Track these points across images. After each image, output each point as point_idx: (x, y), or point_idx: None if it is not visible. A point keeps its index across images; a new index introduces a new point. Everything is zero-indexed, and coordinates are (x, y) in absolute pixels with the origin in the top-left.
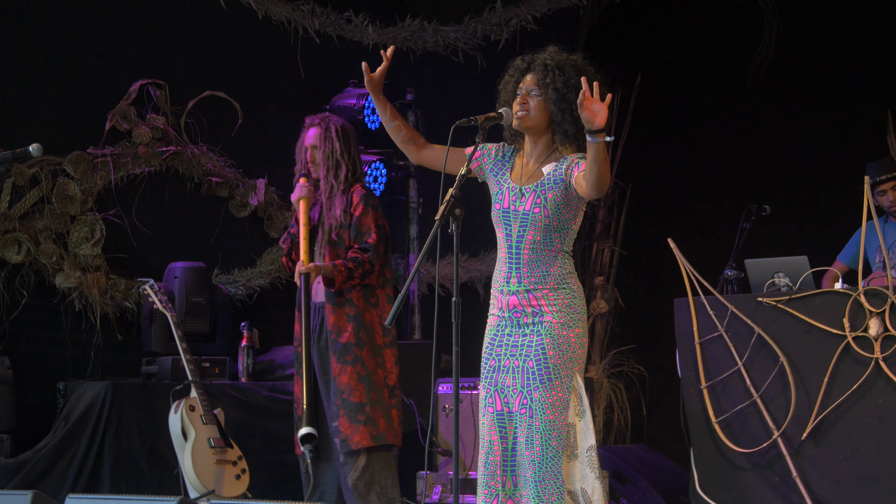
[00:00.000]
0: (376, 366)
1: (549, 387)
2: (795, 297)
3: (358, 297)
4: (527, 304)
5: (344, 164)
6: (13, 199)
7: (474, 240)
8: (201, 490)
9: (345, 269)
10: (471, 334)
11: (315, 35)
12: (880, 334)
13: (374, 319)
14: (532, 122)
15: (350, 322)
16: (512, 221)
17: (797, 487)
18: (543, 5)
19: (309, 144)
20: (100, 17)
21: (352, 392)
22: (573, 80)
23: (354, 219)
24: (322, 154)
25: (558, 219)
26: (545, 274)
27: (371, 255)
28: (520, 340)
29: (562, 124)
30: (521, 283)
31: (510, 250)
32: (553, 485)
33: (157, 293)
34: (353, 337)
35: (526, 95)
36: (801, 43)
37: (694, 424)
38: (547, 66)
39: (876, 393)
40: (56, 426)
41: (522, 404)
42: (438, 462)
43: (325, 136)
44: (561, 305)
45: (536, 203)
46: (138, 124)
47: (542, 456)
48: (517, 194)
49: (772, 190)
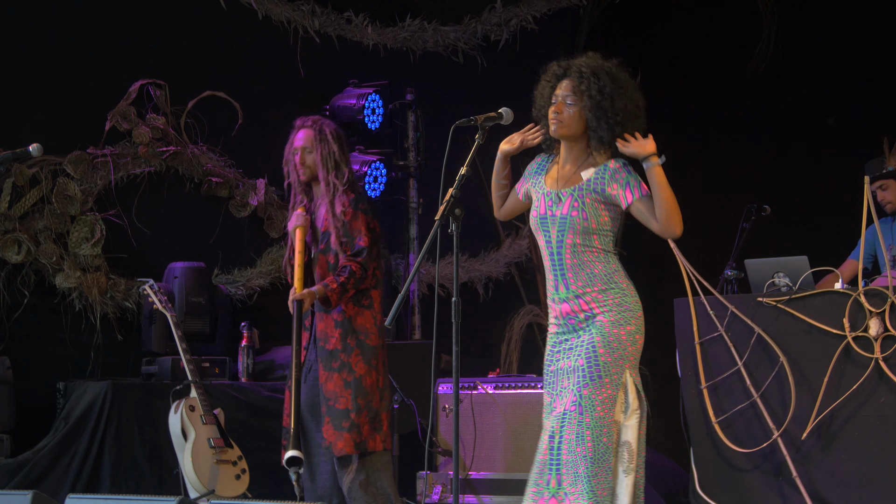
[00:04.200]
0: (369, 369)
1: (599, 384)
2: (795, 297)
3: (346, 302)
4: (578, 309)
5: (344, 166)
6: (13, 199)
7: (474, 240)
8: (201, 490)
9: (338, 286)
10: (471, 334)
11: (315, 35)
12: (880, 334)
13: (367, 321)
14: (568, 130)
15: (337, 328)
16: (550, 226)
17: (797, 487)
18: (543, 5)
19: (300, 147)
20: (100, 17)
21: (337, 399)
22: (608, 87)
23: (344, 223)
24: (320, 155)
25: (597, 221)
26: (591, 276)
27: (363, 260)
28: (575, 343)
29: (597, 131)
30: (568, 289)
31: (552, 256)
32: (605, 480)
33: (157, 293)
34: (340, 343)
35: (562, 103)
36: (800, 43)
37: (694, 424)
38: (583, 74)
39: (876, 393)
40: (56, 426)
41: (573, 402)
42: (438, 462)
43: (320, 139)
44: (612, 305)
45: (574, 206)
46: (138, 124)
47: (594, 452)
48: (553, 199)
49: (772, 190)
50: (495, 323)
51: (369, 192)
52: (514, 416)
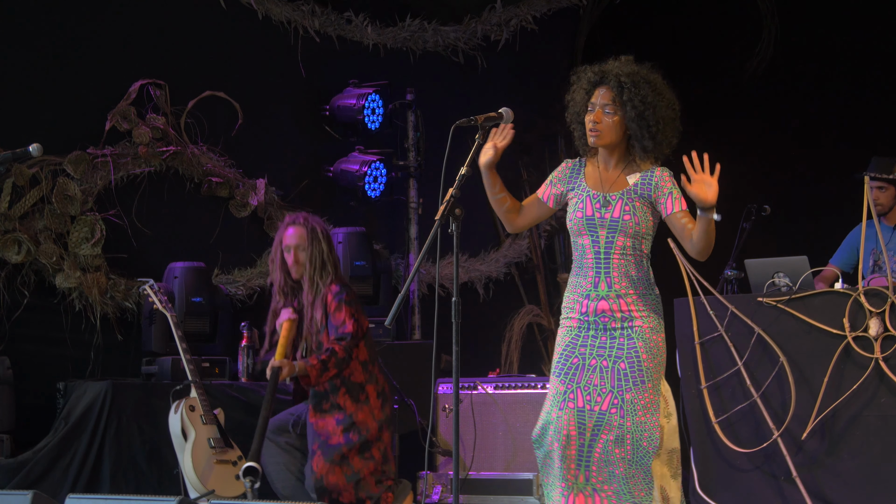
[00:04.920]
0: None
1: (642, 388)
2: (795, 297)
3: (345, 400)
4: (616, 309)
5: (329, 265)
6: (13, 199)
7: (474, 240)
8: (201, 490)
9: (318, 362)
10: (471, 334)
11: (315, 35)
12: (880, 334)
13: (367, 417)
14: (608, 140)
15: (339, 425)
16: (598, 228)
17: (797, 487)
18: (543, 5)
19: (294, 245)
20: (100, 16)
21: (329, 437)
22: (650, 96)
23: (329, 316)
24: (309, 255)
25: (645, 225)
26: (632, 279)
27: (347, 343)
28: (608, 342)
29: (641, 140)
30: (611, 287)
31: (598, 256)
32: (643, 482)
33: (157, 293)
34: (343, 437)
35: (600, 112)
36: (799, 43)
37: (694, 424)
38: (622, 84)
39: (876, 393)
40: (56, 426)
41: (613, 404)
42: (438, 462)
43: (311, 238)
44: (649, 311)
45: (626, 210)
46: (138, 124)
47: (633, 454)
48: (601, 201)
49: (772, 190)
50: (495, 323)
51: (369, 193)
52: (514, 416)
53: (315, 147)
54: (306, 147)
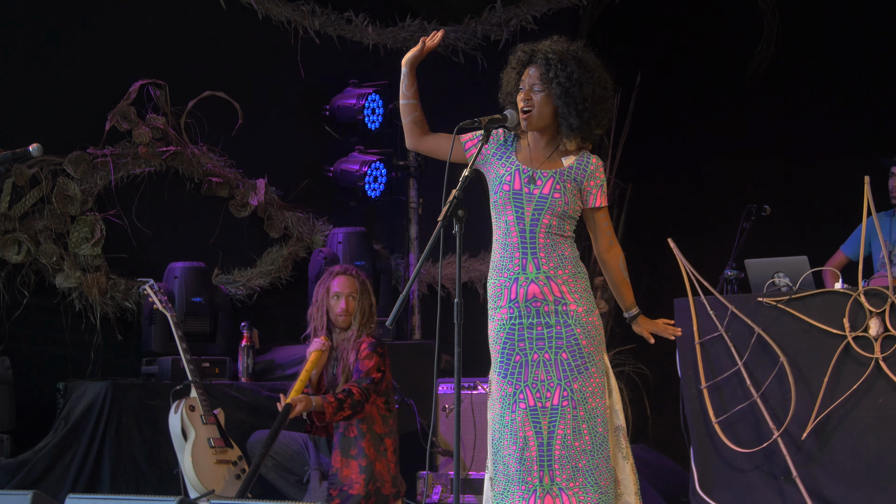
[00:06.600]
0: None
1: (587, 375)
2: (795, 297)
3: (368, 446)
4: (549, 292)
5: (374, 319)
6: (13, 199)
7: (474, 240)
8: (201, 490)
9: (335, 400)
10: (471, 334)
11: (315, 35)
12: (880, 334)
13: (383, 469)
14: (538, 121)
15: (362, 473)
16: (525, 204)
17: (797, 487)
18: (543, 5)
19: (346, 293)
20: (100, 17)
21: (352, 485)
22: (576, 73)
23: (358, 361)
24: (359, 305)
25: (573, 207)
26: (561, 258)
27: (366, 386)
28: (545, 332)
29: (567, 118)
30: (539, 269)
31: (523, 234)
32: (606, 470)
33: (157, 293)
34: (363, 489)
35: (529, 91)
36: (800, 42)
37: (694, 424)
38: (549, 61)
39: (876, 393)
40: (56, 426)
41: (563, 396)
42: (438, 462)
43: (362, 290)
44: (581, 291)
45: (556, 189)
46: (138, 124)
47: (593, 443)
48: (529, 177)
49: (772, 190)
50: None
51: (369, 193)
52: None
53: (315, 147)
54: (306, 147)
